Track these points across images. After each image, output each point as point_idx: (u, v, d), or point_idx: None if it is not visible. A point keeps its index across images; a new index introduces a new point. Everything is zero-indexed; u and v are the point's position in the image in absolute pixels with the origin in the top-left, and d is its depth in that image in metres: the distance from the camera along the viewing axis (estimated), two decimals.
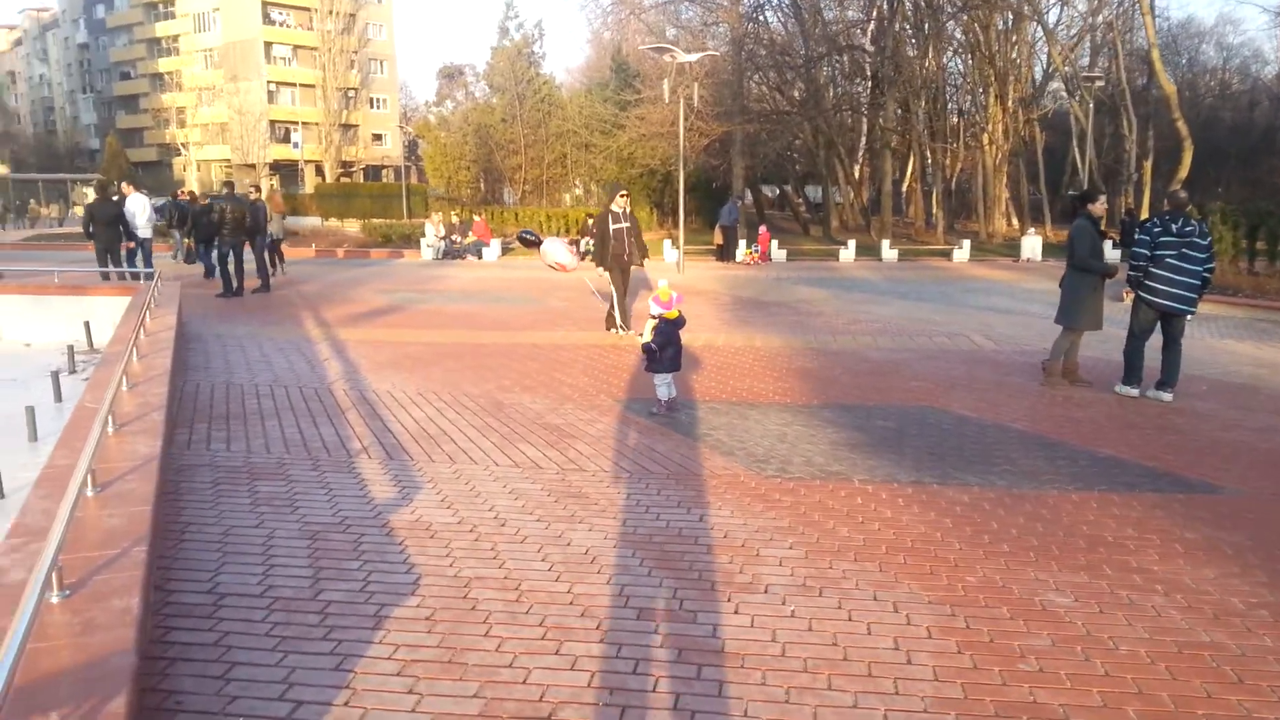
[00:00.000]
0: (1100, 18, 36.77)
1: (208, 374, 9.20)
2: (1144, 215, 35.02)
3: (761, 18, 37.17)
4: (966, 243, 26.85)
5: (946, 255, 27.05)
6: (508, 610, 4.00)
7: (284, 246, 20.89)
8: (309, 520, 5.06)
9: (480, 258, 26.95)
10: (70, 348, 11.91)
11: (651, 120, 33.64)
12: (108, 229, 16.08)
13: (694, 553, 4.65)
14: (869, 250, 27.94)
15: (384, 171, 75.29)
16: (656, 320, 7.49)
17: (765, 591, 4.22)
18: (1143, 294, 8.38)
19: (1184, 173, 30.67)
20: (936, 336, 12.01)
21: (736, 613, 4.00)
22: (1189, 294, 8.12)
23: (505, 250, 28.93)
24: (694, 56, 24.67)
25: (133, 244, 17.29)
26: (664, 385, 7.68)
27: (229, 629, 3.79)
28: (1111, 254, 25.90)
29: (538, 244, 8.14)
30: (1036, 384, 9.03)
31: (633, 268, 12.12)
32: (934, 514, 5.28)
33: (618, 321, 11.92)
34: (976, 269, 23.80)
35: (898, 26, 32.38)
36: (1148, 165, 36.86)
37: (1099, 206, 8.83)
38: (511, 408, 7.87)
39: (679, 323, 7.60)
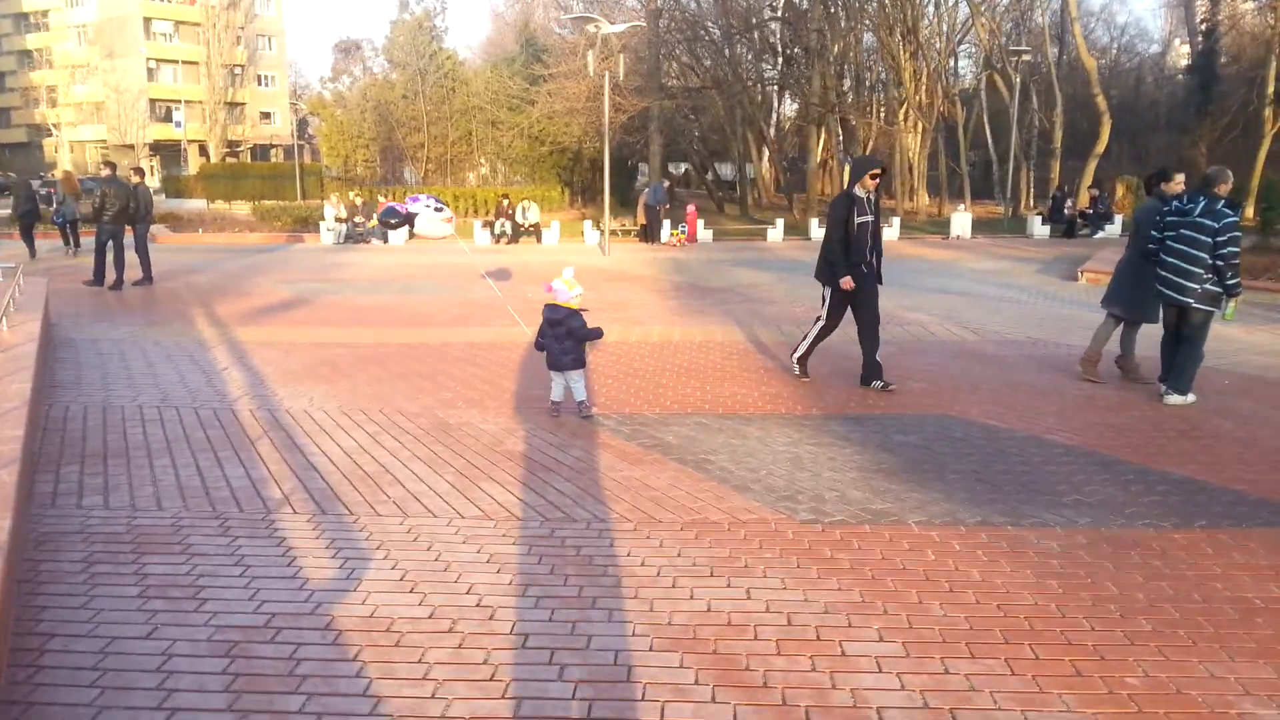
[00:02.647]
0: None
1: (80, 393, 7.60)
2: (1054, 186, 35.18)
3: None
4: (896, 220, 26.21)
5: None
6: None
7: (167, 232, 18.93)
8: (222, 622, 3.68)
9: (386, 241, 25.18)
10: None
11: (565, 95, 32.12)
12: None
13: (760, 655, 3.45)
14: (796, 229, 27.10)
15: (273, 151, 71.74)
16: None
17: None
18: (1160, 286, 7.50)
19: (1101, 147, 30.74)
20: (908, 325, 11.05)
21: None
22: (1181, 280, 7.20)
23: (413, 233, 27.20)
24: (620, 27, 23.31)
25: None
26: (555, 383, 6.98)
27: None
28: (1040, 230, 25.71)
29: (407, 220, 7.03)
30: (1045, 380, 8.09)
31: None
32: (1030, 572, 4.19)
33: (798, 356, 8.34)
34: (909, 247, 23.11)
35: None
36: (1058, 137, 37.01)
37: (1175, 185, 7.86)
38: (461, 430, 6.54)
39: (565, 318, 6.75)
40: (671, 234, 24.27)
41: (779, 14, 37.68)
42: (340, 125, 44.21)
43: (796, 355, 8.31)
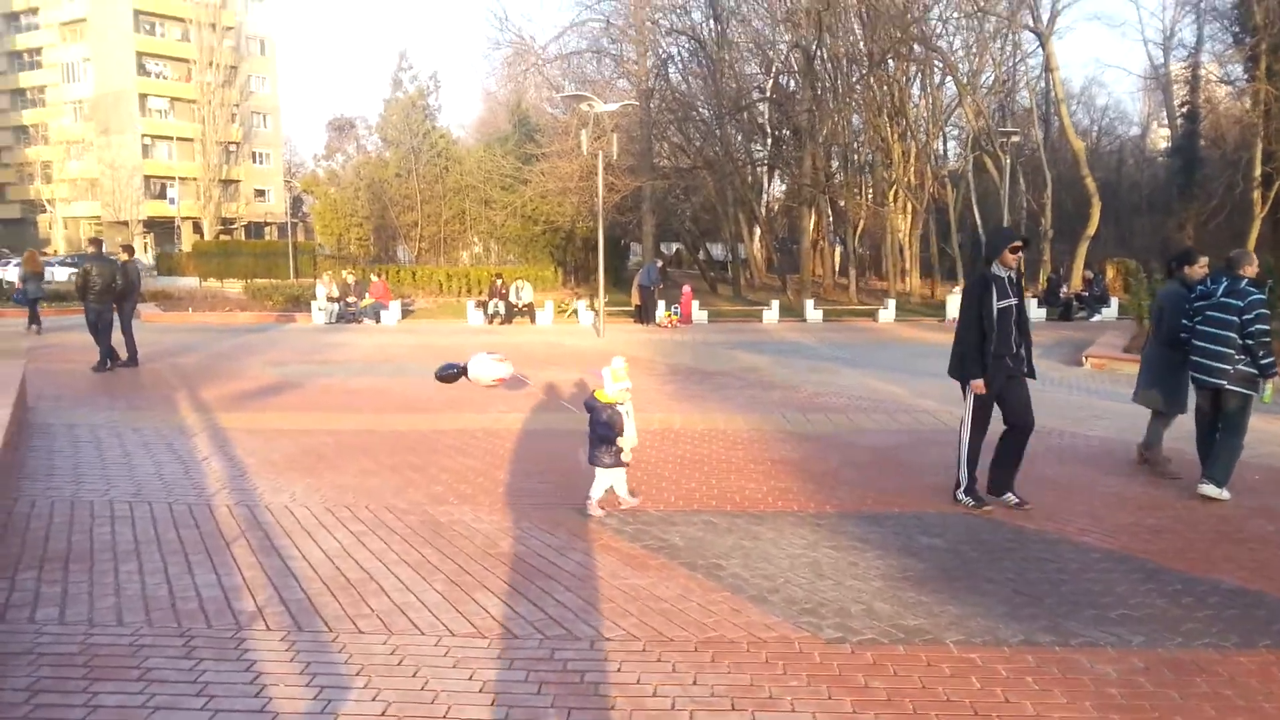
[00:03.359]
0: (1010, 64, 37.25)
1: (49, 485, 7.15)
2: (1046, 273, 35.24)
3: (666, 74, 36.41)
4: (892, 303, 26.06)
5: (871, 315, 26.18)
6: None
7: (156, 310, 18.61)
8: None
9: (379, 321, 24.89)
10: None
11: (558, 174, 32.24)
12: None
13: None
14: (790, 311, 26.93)
15: (267, 229, 72.05)
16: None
17: None
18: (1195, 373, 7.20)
19: (1092, 229, 30.82)
20: (918, 414, 10.69)
21: None
22: (1211, 363, 6.90)
23: (406, 313, 26.96)
24: (613, 106, 23.43)
25: None
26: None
27: None
28: (1036, 313, 25.53)
29: (461, 372, 6.36)
30: (1069, 474, 7.70)
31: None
32: (1089, 704, 3.75)
33: (965, 488, 6.79)
34: (906, 330, 22.91)
35: (815, 79, 31.81)
36: (1044, 222, 37.23)
37: (1198, 269, 7.60)
38: (453, 529, 6.10)
39: (603, 408, 6.37)
40: (665, 314, 24.04)
41: (767, 95, 38.16)
42: (334, 203, 44.35)
43: (961, 489, 6.73)
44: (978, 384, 6.57)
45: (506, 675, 3.97)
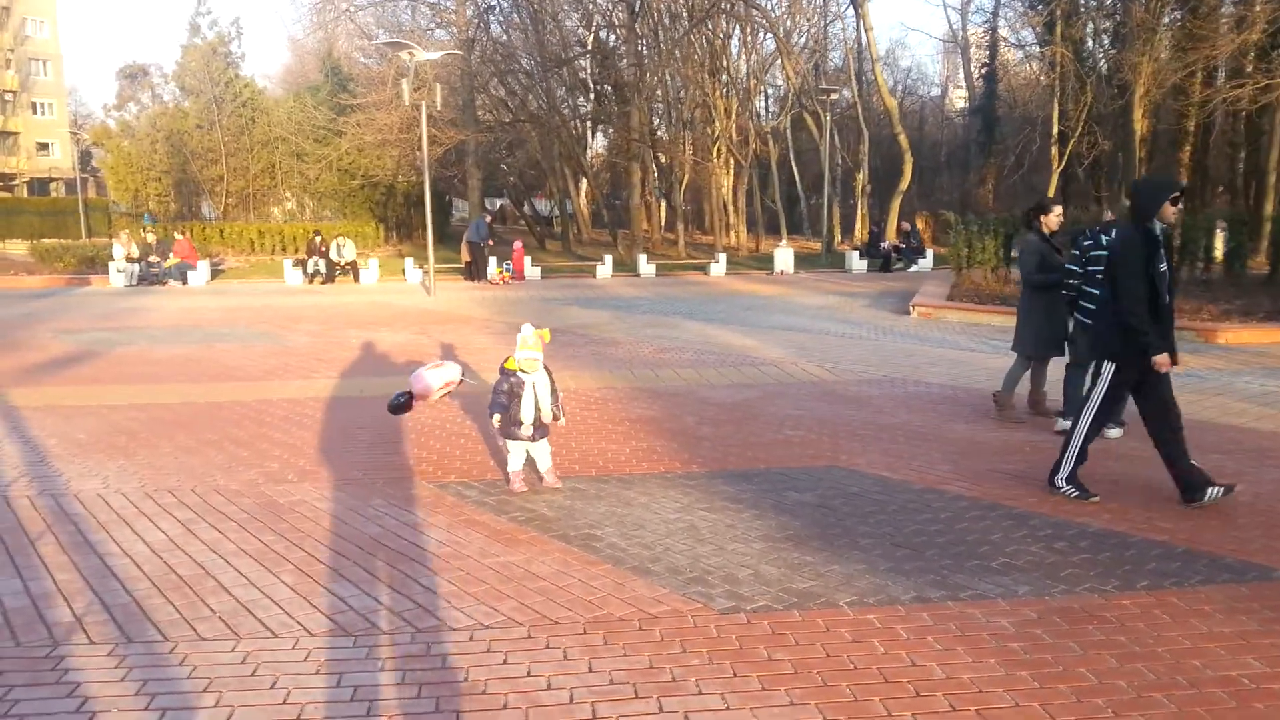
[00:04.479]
0: (823, 24, 38.06)
1: None
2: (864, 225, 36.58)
3: (487, 25, 35.19)
4: (723, 257, 26.28)
5: (703, 269, 26.33)
6: None
7: None
8: None
9: (186, 283, 23.13)
10: None
11: (376, 126, 30.70)
12: None
13: None
14: (623, 266, 26.77)
15: (53, 185, 65.92)
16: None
17: None
18: (1078, 315, 7.31)
19: (905, 183, 32.04)
20: (763, 366, 10.68)
21: None
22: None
23: (216, 273, 25.19)
24: (435, 55, 22.35)
25: None
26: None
27: None
28: (858, 265, 26.38)
29: (411, 398, 5.79)
30: (919, 422, 7.81)
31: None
32: (994, 661, 3.67)
33: (1067, 475, 5.82)
34: (738, 283, 23.15)
35: (638, 35, 31.47)
36: (860, 177, 38.63)
37: (1053, 219, 7.69)
38: (295, 511, 5.53)
39: (505, 377, 5.86)
40: (497, 271, 23.40)
41: (589, 49, 37.58)
42: (128, 156, 40.76)
43: (1064, 476, 5.77)
44: (1163, 360, 5.41)
45: (379, 678, 3.53)
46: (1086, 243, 7.19)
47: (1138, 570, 4.61)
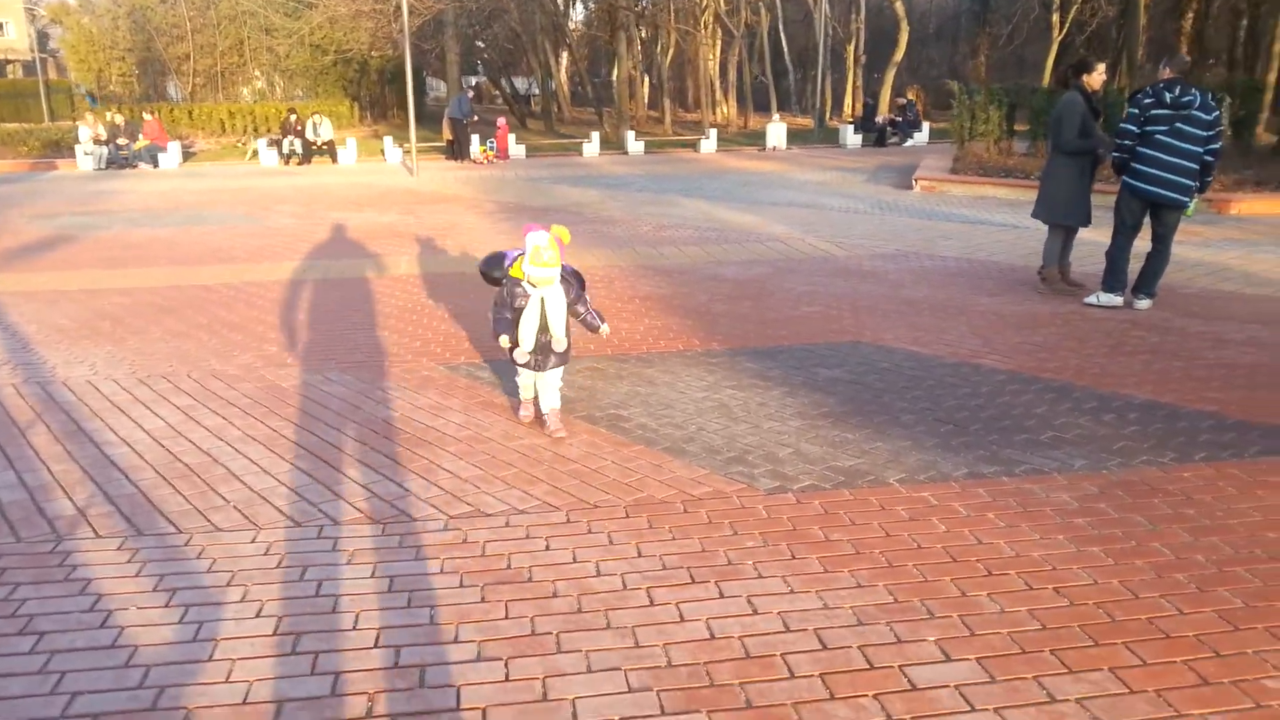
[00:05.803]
0: None
1: None
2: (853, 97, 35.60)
3: None
4: (714, 133, 25.53)
5: (693, 146, 25.61)
6: None
7: None
8: None
9: (157, 165, 22.29)
10: None
11: None
12: None
13: (811, 702, 2.54)
14: (610, 144, 26.00)
15: (9, 67, 63.20)
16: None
17: None
18: (1129, 179, 6.94)
19: (900, 55, 31.05)
20: (769, 242, 10.33)
21: None
22: (1182, 179, 6.66)
23: (187, 155, 24.32)
24: None
25: None
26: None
27: None
28: (853, 140, 25.67)
29: (501, 262, 4.60)
30: (941, 297, 7.53)
31: None
32: (1063, 537, 3.47)
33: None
34: (730, 160, 22.52)
35: None
36: (850, 49, 37.43)
37: (1096, 78, 7.26)
38: (301, 395, 5.24)
39: (509, 283, 4.66)
40: (481, 150, 22.66)
41: None
42: (89, 35, 38.90)
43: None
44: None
45: (415, 567, 3.30)
46: (1148, 100, 6.73)
47: (1191, 442, 4.42)
